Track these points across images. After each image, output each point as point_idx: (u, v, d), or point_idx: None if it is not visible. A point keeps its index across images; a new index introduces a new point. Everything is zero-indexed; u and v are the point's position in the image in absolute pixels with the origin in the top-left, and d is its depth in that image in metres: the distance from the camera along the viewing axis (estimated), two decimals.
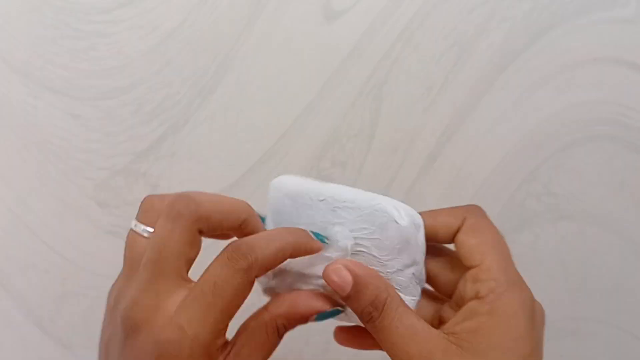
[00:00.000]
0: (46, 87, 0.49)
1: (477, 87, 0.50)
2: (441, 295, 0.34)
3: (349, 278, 0.29)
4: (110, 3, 0.49)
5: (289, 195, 0.33)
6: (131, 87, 0.49)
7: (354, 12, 0.50)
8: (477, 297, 0.30)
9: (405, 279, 0.32)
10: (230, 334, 0.29)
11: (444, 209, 0.33)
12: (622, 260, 0.50)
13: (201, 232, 0.31)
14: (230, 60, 0.50)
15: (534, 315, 0.31)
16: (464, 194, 0.50)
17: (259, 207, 0.36)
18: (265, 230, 0.33)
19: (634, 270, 0.50)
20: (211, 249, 0.30)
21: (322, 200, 0.32)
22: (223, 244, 0.29)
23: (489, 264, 0.31)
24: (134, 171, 0.50)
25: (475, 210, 0.33)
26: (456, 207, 0.33)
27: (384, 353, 0.52)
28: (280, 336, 0.30)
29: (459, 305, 0.31)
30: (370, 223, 0.31)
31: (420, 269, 0.32)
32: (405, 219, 0.31)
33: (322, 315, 0.31)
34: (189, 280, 0.30)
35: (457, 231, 0.32)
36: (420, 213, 0.32)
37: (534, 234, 0.50)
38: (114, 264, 0.51)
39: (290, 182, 0.33)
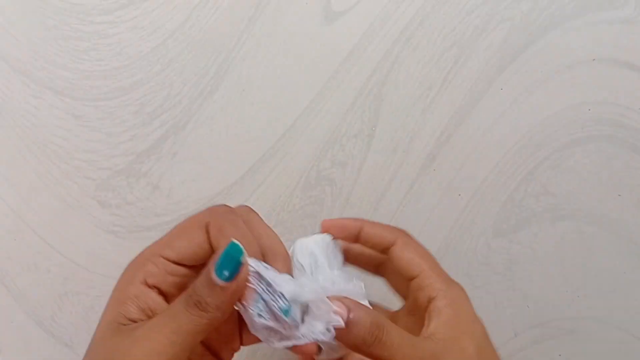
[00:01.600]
0: (48, 87, 0.49)
1: (476, 88, 0.50)
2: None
3: (344, 311, 0.32)
4: (112, 4, 0.49)
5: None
6: (132, 88, 0.50)
7: (354, 12, 0.50)
8: (429, 299, 0.35)
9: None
10: None
11: (379, 223, 0.38)
12: (621, 259, 0.51)
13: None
14: (231, 61, 0.50)
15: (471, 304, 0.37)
16: (463, 194, 0.51)
17: (257, 208, 0.37)
18: None
19: (632, 270, 0.51)
20: None
21: None
22: None
23: (427, 272, 0.36)
24: (135, 171, 0.50)
25: (405, 232, 0.38)
26: (389, 225, 0.39)
27: None
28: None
29: (412, 314, 0.37)
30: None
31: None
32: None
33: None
34: None
35: (391, 246, 0.37)
36: (360, 220, 0.38)
37: (532, 234, 0.50)
38: (115, 264, 0.51)
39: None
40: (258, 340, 0.36)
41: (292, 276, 0.34)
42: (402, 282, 0.38)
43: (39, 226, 0.50)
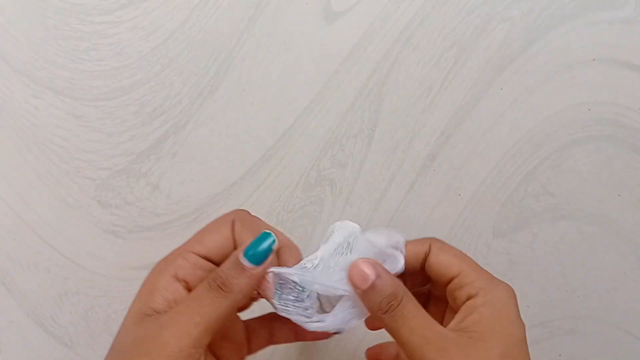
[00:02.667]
0: (48, 87, 0.49)
1: (476, 88, 0.50)
2: None
3: (372, 274, 0.33)
4: (112, 4, 0.49)
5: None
6: (132, 88, 0.50)
7: (354, 12, 0.50)
8: (469, 297, 0.34)
9: None
10: None
11: (409, 241, 0.37)
12: (621, 259, 0.51)
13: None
14: (231, 61, 0.50)
15: (518, 306, 0.35)
16: (463, 194, 0.51)
17: (257, 208, 0.37)
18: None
19: (632, 270, 0.51)
20: None
21: None
22: None
23: (467, 270, 0.35)
24: (135, 171, 0.50)
25: (436, 239, 0.38)
26: (418, 239, 0.38)
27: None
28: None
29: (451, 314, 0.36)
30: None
31: None
32: None
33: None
34: None
35: (426, 257, 0.36)
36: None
37: (532, 234, 0.50)
38: (115, 264, 0.51)
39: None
40: (263, 347, 0.38)
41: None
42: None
43: (39, 226, 0.50)
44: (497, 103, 0.50)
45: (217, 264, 0.34)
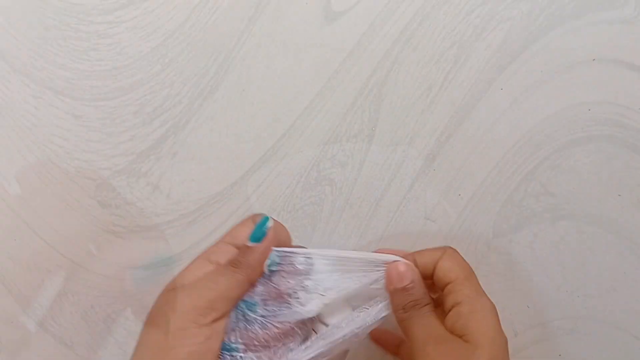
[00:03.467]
0: (47, 87, 0.49)
1: (476, 88, 0.50)
2: None
3: (408, 279, 0.40)
4: (112, 4, 0.49)
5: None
6: (132, 88, 0.50)
7: (354, 12, 0.50)
8: (456, 304, 0.39)
9: None
10: None
11: (427, 249, 0.43)
12: (621, 259, 0.51)
13: None
14: (231, 61, 0.50)
15: (499, 319, 0.40)
16: (463, 194, 0.51)
17: (257, 208, 0.37)
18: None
19: (632, 270, 0.51)
20: None
21: None
22: None
23: (461, 280, 0.40)
24: (135, 171, 0.50)
25: (452, 248, 0.43)
26: (438, 247, 0.43)
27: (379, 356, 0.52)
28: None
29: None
30: None
31: None
32: None
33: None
34: None
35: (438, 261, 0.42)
36: (412, 253, 0.43)
37: (532, 234, 0.51)
38: (115, 264, 0.51)
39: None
40: None
41: None
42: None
43: (38, 226, 0.50)
44: (497, 103, 0.50)
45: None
